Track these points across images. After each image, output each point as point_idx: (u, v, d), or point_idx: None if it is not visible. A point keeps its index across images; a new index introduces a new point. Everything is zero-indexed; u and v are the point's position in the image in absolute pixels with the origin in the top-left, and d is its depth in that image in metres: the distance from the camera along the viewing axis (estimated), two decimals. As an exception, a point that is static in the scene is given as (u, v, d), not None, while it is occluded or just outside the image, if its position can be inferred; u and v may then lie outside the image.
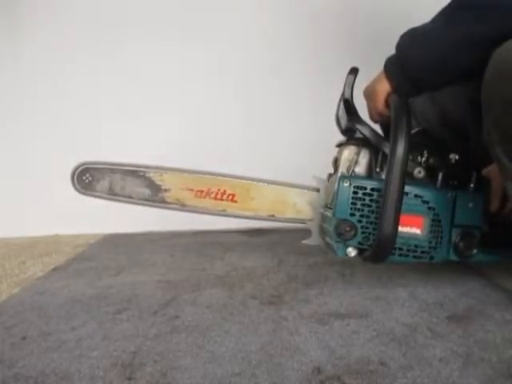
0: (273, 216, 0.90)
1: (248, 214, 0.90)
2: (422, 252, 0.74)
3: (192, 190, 0.88)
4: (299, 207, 0.88)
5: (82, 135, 1.34)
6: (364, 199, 0.72)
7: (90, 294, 0.80)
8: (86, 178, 0.88)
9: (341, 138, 0.81)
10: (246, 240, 1.25)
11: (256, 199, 0.89)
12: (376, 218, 0.70)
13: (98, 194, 0.89)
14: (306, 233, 0.87)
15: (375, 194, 0.71)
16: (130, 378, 0.50)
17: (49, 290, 0.83)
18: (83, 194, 0.88)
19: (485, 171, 0.78)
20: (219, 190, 0.88)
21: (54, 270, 0.98)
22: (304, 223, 0.88)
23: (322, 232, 0.83)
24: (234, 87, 1.39)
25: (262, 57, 1.39)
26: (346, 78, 0.77)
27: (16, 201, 1.35)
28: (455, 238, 0.75)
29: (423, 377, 0.49)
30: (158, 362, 0.54)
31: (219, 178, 0.89)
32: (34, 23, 1.33)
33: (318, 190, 0.86)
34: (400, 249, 0.73)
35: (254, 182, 0.89)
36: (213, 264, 0.99)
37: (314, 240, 0.85)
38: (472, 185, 0.75)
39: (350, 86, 0.77)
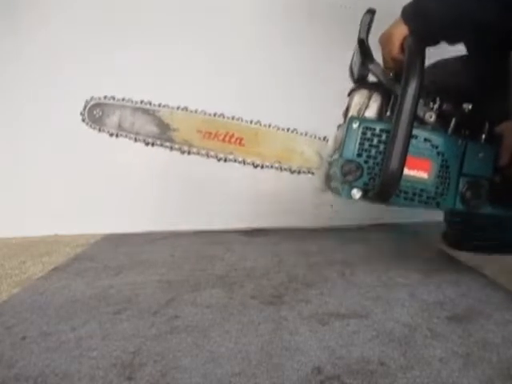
0: (279, 163, 0.89)
1: (254, 159, 0.89)
2: (428, 197, 0.73)
3: (200, 131, 0.88)
4: (307, 156, 0.88)
5: (82, 134, 1.33)
6: (372, 140, 0.71)
7: (89, 294, 0.79)
8: (97, 113, 0.89)
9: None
10: (246, 240, 1.25)
11: (264, 145, 0.88)
12: (383, 160, 0.69)
13: (107, 128, 0.89)
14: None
15: (384, 135, 0.70)
16: (130, 378, 0.50)
17: (49, 289, 0.83)
18: (93, 128, 0.88)
19: (498, 128, 0.77)
20: (228, 132, 0.88)
21: (54, 270, 0.98)
22: (310, 172, 0.87)
23: (329, 180, 0.82)
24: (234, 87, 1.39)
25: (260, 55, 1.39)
26: (362, 18, 0.76)
27: (16, 201, 1.34)
28: (462, 186, 0.74)
29: (423, 377, 0.49)
30: (158, 362, 0.54)
31: (228, 121, 0.89)
32: (33, 23, 1.33)
33: (326, 140, 0.85)
34: (406, 192, 0.72)
35: (263, 128, 0.88)
36: (213, 264, 0.99)
37: (320, 189, 0.84)
38: (484, 136, 0.74)
39: (366, 26, 0.75)
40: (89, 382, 0.50)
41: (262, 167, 0.92)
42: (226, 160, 0.91)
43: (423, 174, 0.72)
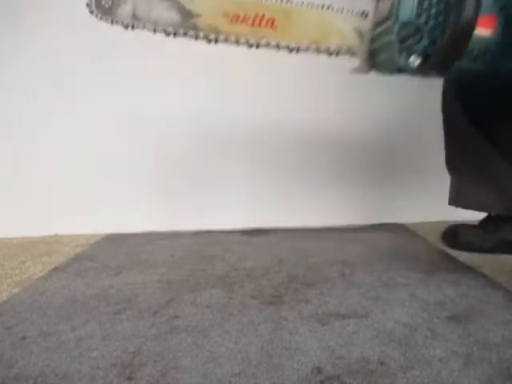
0: (316, 44, 0.80)
1: (289, 41, 0.81)
2: (492, 58, 0.68)
3: (227, 14, 0.79)
4: (345, 33, 0.80)
5: (81, 129, 1.34)
6: None
7: (89, 294, 0.80)
8: (106, 3, 0.78)
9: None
10: (246, 240, 1.25)
11: (298, 25, 0.80)
12: (445, 20, 0.63)
13: (119, 19, 0.78)
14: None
15: None
16: (130, 378, 0.50)
17: (49, 290, 0.83)
18: (104, 20, 0.78)
19: None
20: (257, 14, 0.79)
21: (54, 270, 0.98)
22: (350, 53, 0.80)
23: (372, 58, 0.76)
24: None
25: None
26: None
27: (16, 201, 1.35)
28: None
29: (423, 377, 0.49)
30: (158, 362, 0.54)
31: (257, 0, 0.80)
32: (35, 23, 1.33)
33: (365, 15, 0.78)
34: (471, 50, 0.66)
35: (296, 6, 0.80)
36: (213, 264, 0.99)
37: (361, 68, 0.78)
38: None
39: None
40: (89, 382, 0.50)
41: (298, 51, 0.82)
42: (258, 46, 0.81)
43: (487, 32, 0.66)
